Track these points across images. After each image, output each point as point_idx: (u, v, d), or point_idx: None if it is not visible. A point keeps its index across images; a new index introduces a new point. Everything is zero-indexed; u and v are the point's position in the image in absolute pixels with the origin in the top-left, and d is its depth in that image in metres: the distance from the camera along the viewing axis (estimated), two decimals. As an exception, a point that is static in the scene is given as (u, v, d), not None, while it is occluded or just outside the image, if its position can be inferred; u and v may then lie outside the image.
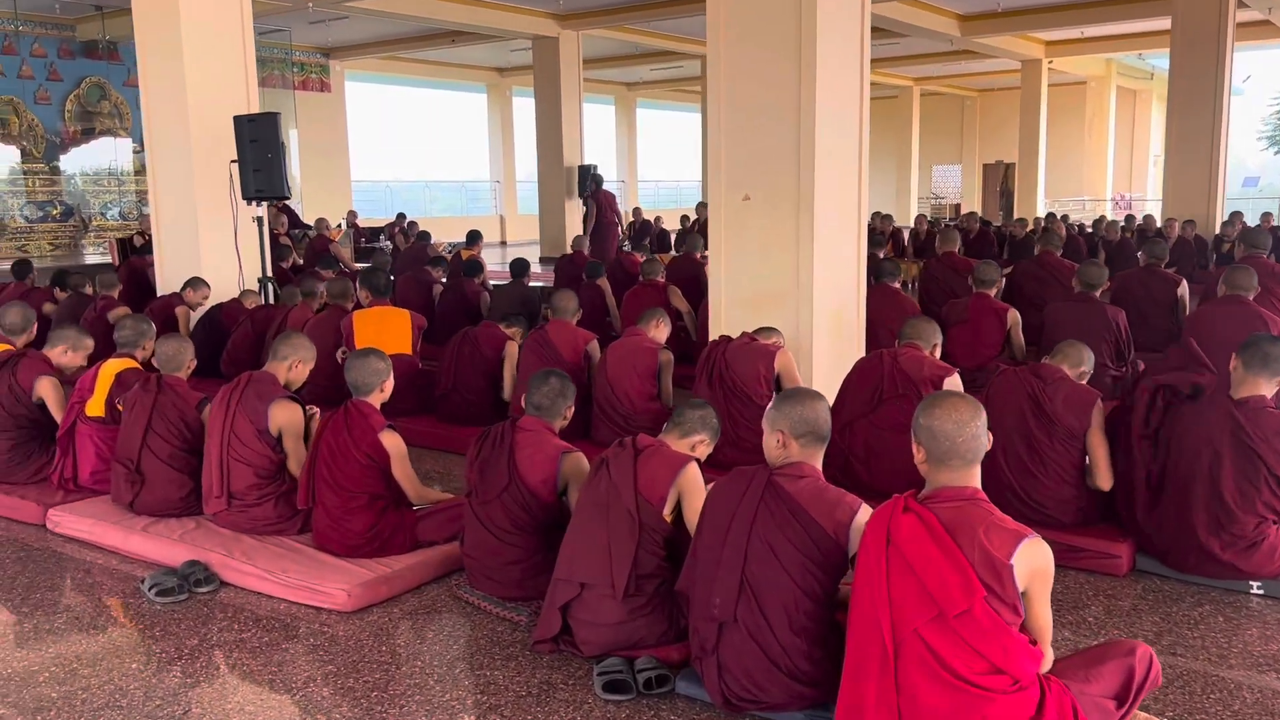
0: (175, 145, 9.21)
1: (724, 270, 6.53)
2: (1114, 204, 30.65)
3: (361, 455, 4.04)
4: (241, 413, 4.37)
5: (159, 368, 4.83)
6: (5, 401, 5.18)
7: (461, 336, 6.29)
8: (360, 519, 4.05)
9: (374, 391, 4.20)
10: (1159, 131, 35.80)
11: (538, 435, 3.73)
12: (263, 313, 7.73)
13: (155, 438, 4.65)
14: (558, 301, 6.06)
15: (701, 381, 5.20)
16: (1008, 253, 14.27)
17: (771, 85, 6.18)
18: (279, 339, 4.64)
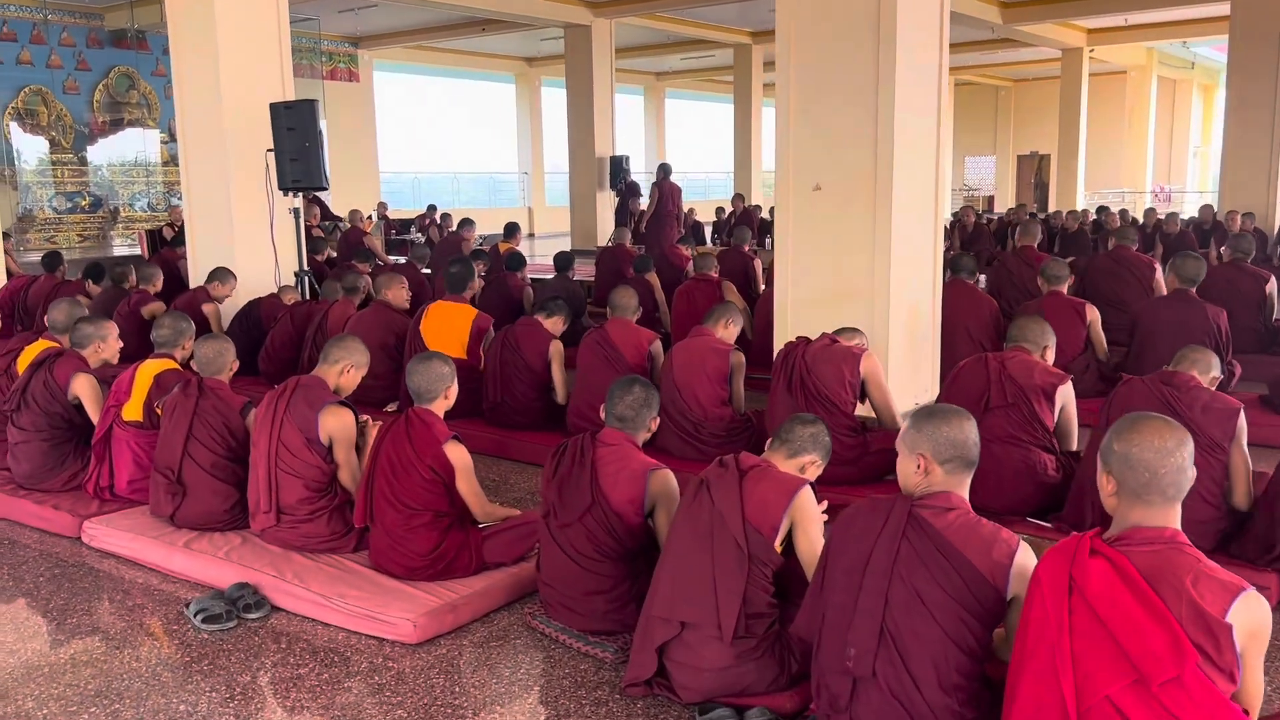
0: (208, 134, 8.91)
1: (790, 265, 6.15)
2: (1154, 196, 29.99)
3: (424, 469, 3.70)
4: (290, 420, 4.03)
5: (198, 370, 4.50)
6: (40, 399, 4.88)
7: (502, 341, 5.91)
8: (423, 538, 3.71)
9: (438, 399, 3.86)
10: (1199, 122, 35.16)
11: (621, 450, 3.37)
12: (302, 309, 7.40)
13: (197, 445, 4.33)
14: (617, 299, 5.69)
15: (779, 386, 4.82)
16: (1059, 247, 13.80)
17: (846, 67, 5.80)
18: (331, 342, 4.30)
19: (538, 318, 5.93)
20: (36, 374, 4.91)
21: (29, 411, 4.88)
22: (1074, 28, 23.63)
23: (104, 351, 5.07)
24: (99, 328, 5.07)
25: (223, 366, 4.53)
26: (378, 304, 6.70)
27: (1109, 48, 25.32)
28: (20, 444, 4.90)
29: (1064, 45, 24.09)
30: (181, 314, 5.04)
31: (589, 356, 5.55)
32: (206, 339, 4.54)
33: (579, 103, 19.99)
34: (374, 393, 6.46)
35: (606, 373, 5.45)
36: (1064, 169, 26.03)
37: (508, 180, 29.72)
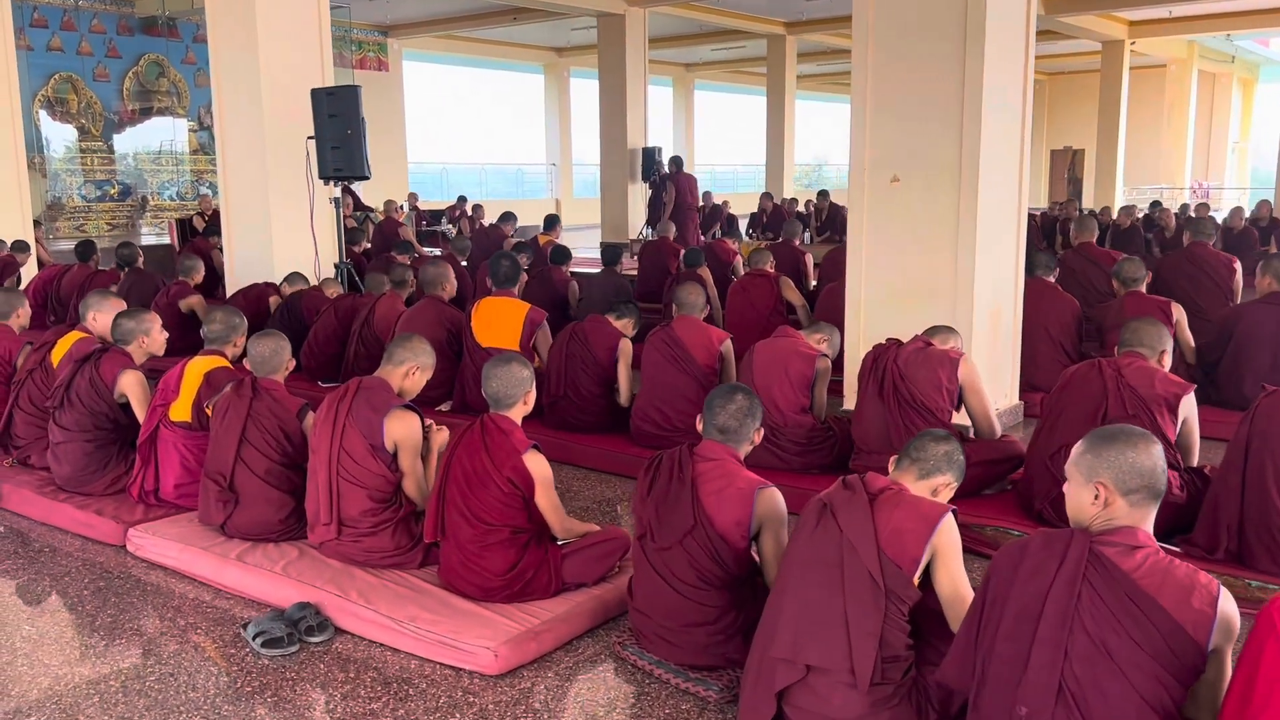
0: (246, 121, 8.66)
1: (865, 261, 5.84)
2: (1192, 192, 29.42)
3: (503, 481, 3.41)
4: (352, 426, 3.75)
5: (252, 369, 4.23)
6: (85, 397, 4.62)
7: (569, 335, 5.63)
8: (499, 556, 3.41)
9: (516, 404, 3.56)
10: (1238, 117, 34.49)
11: (724, 466, 3.06)
12: (346, 303, 7.13)
13: (250, 450, 4.05)
14: (684, 295, 5.39)
15: (868, 392, 4.50)
16: (1109, 243, 13.38)
17: (931, 54, 5.49)
18: (395, 342, 4.01)
19: (608, 318, 5.64)
20: (81, 370, 4.66)
21: (72, 410, 4.62)
22: (1115, 19, 23.14)
23: (149, 345, 4.81)
24: (140, 321, 4.80)
25: (278, 365, 4.25)
26: (430, 299, 6.42)
27: (1150, 40, 24.80)
28: (62, 444, 4.64)
29: (1105, 37, 23.60)
30: (234, 309, 4.77)
31: (655, 357, 5.25)
32: (261, 336, 4.26)
33: (611, 93, 19.67)
34: (427, 391, 6.16)
35: (674, 374, 5.16)
36: (1102, 164, 25.53)
37: (535, 172, 29.45)
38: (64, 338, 5.12)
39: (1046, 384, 6.37)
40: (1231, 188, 33.27)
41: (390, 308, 6.77)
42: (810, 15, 22.51)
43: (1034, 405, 5.97)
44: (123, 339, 4.75)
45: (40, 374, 5.11)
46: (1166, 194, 28.09)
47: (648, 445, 5.20)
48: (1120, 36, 23.88)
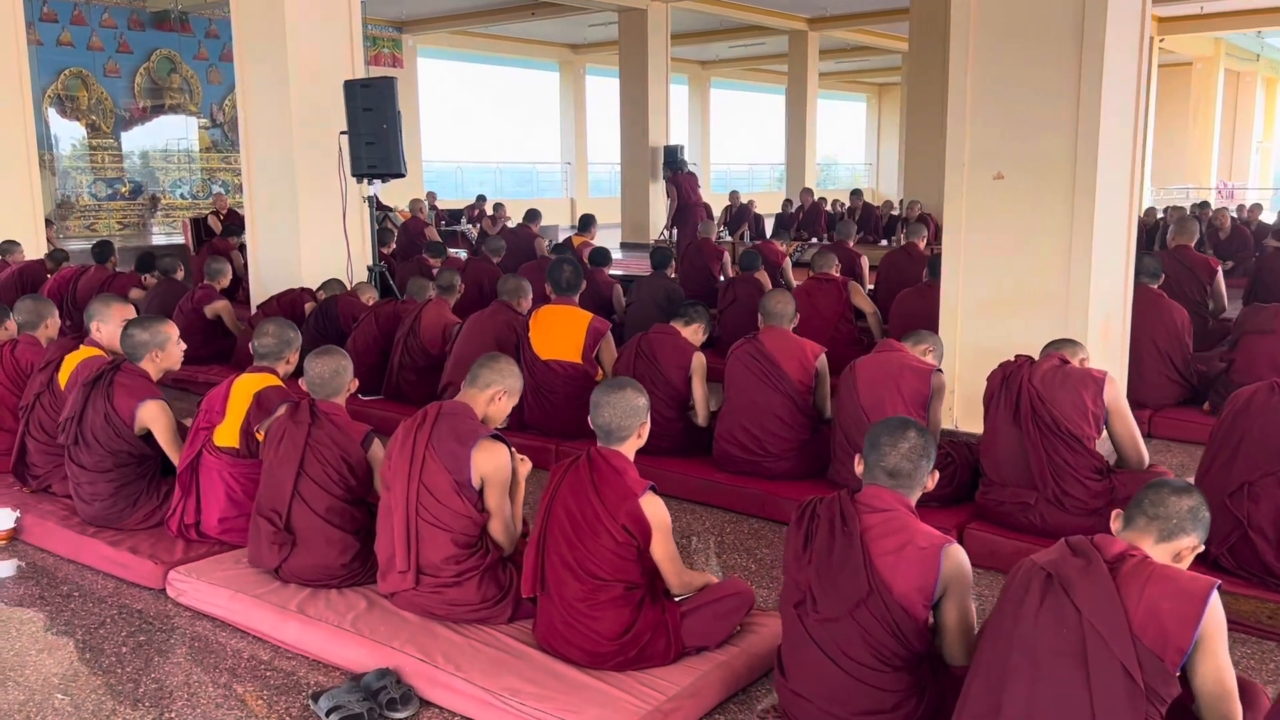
0: (273, 116, 8.18)
1: (963, 265, 5.35)
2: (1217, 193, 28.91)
3: (616, 529, 2.91)
4: (434, 459, 3.26)
5: (310, 391, 3.73)
6: (100, 435, 4.09)
7: (635, 350, 5.11)
8: (611, 617, 2.92)
9: (630, 437, 3.07)
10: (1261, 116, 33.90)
11: (897, 519, 2.56)
12: (388, 309, 6.64)
13: (310, 484, 3.56)
14: (771, 304, 4.88)
15: (1000, 416, 3.99)
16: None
17: (1042, 42, 5.00)
18: (480, 362, 3.51)
19: (675, 325, 5.14)
20: (92, 402, 4.10)
21: (89, 451, 4.11)
22: (1146, 16, 22.59)
23: (165, 360, 4.28)
24: (154, 333, 4.23)
25: (339, 387, 3.76)
26: (499, 305, 5.92)
27: (1177, 38, 24.29)
28: (83, 484, 4.14)
29: (1134, 34, 23.02)
30: (286, 321, 4.26)
31: (741, 372, 4.75)
32: (321, 354, 3.76)
33: (632, 90, 19.24)
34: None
35: (764, 392, 4.65)
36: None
37: (548, 170, 28.99)
38: (70, 355, 4.59)
39: (1154, 401, 5.90)
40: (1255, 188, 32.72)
41: (437, 315, 6.28)
42: (834, 11, 22.02)
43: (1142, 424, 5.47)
44: (133, 354, 4.20)
45: (48, 398, 4.57)
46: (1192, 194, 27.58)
47: (735, 470, 4.71)
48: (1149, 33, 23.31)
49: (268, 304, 7.34)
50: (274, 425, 3.71)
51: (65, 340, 4.76)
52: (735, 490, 4.59)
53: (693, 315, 5.16)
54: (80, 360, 4.48)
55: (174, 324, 4.34)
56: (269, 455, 3.66)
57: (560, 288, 5.67)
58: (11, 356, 4.98)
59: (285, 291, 7.44)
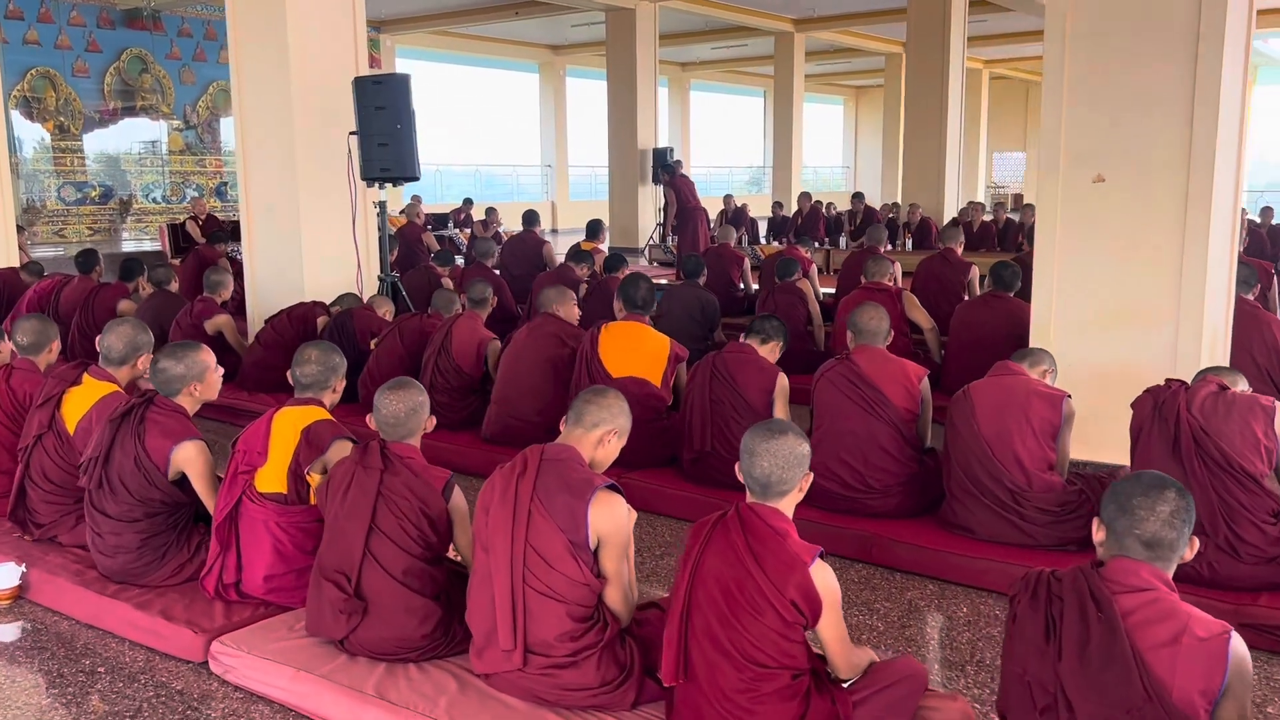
0: (272, 116, 7.60)
1: (1057, 275, 4.92)
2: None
3: (784, 605, 2.42)
4: (543, 515, 2.75)
5: (380, 431, 3.21)
6: (130, 481, 3.53)
7: (710, 373, 4.61)
8: (776, 711, 2.42)
9: (792, 491, 2.58)
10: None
11: (1166, 603, 2.08)
12: (413, 324, 6.10)
13: (384, 542, 3.04)
14: (863, 320, 4.40)
15: (1155, 450, 3.53)
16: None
17: (1150, 38, 4.58)
18: (585, 398, 2.99)
19: (750, 343, 4.66)
20: (120, 442, 3.56)
21: (115, 499, 3.56)
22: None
23: (203, 392, 3.73)
24: (189, 364, 3.66)
25: (416, 426, 3.24)
26: (546, 317, 5.40)
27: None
28: (108, 534, 3.59)
29: (1122, 36, 22.90)
30: (332, 345, 3.72)
31: (834, 398, 4.27)
32: (394, 389, 3.22)
33: (620, 91, 18.79)
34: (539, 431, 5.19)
35: (864, 419, 4.17)
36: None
37: (528, 174, 28.47)
38: (75, 388, 4.02)
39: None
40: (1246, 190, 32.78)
41: (470, 331, 5.75)
42: (822, 11, 21.69)
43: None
44: (167, 389, 3.65)
45: (52, 439, 3.99)
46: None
47: (832, 508, 4.22)
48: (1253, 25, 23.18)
49: (277, 319, 6.77)
50: (337, 471, 3.18)
51: (64, 369, 4.16)
52: (835, 531, 4.10)
53: (769, 332, 4.67)
54: (101, 398, 3.92)
55: (209, 349, 3.78)
56: (333, 507, 3.13)
57: (634, 304, 5.16)
58: (7, 386, 4.39)
59: (296, 306, 6.87)
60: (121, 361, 4.13)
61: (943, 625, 3.50)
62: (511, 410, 5.29)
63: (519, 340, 5.34)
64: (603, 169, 28.64)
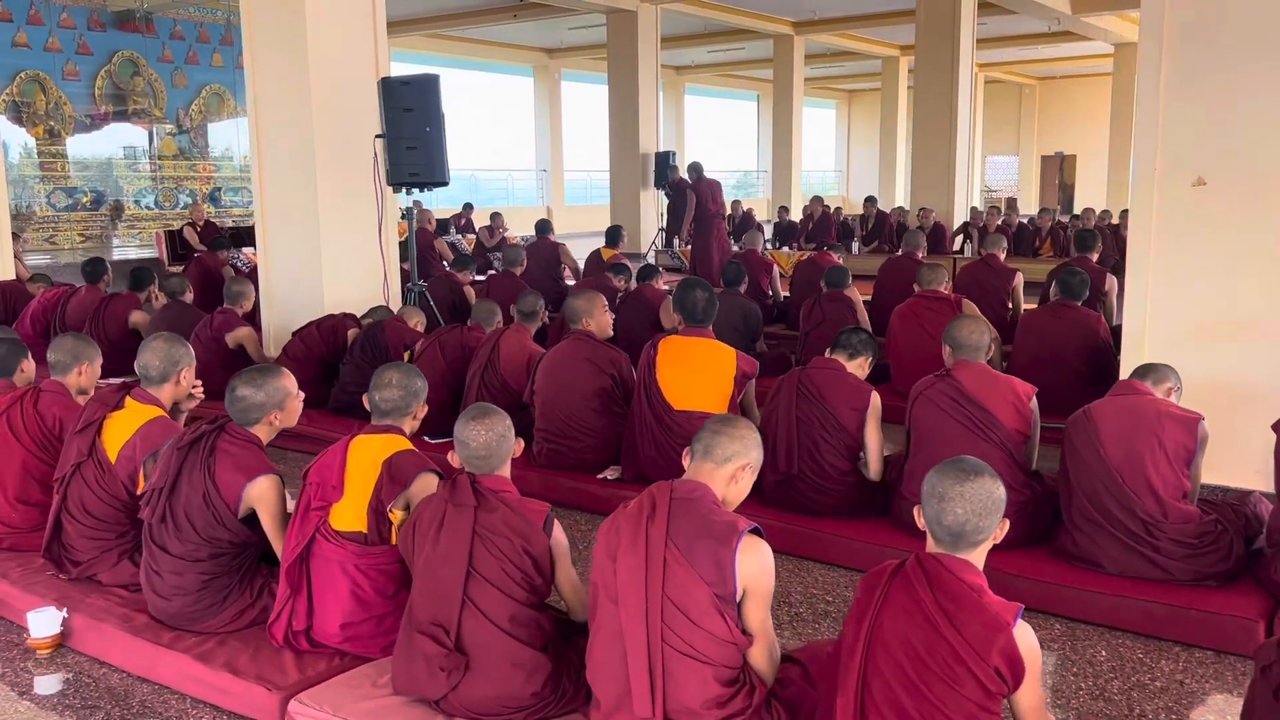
0: (290, 118, 7.29)
1: (1152, 285, 4.63)
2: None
3: (987, 673, 2.11)
4: (682, 564, 2.43)
5: (466, 465, 2.89)
6: (197, 518, 3.20)
7: (795, 389, 4.29)
8: (973, 791, 2.13)
9: (986, 541, 2.28)
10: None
11: None
12: (453, 337, 5.76)
13: (484, 588, 2.71)
14: (964, 335, 4.10)
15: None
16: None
17: (1256, 17, 4.29)
18: (713, 429, 2.65)
19: (836, 358, 4.35)
20: (188, 473, 3.22)
21: (180, 538, 3.22)
22: (1132, 20, 22.43)
23: (283, 421, 3.40)
24: (271, 390, 3.31)
25: (506, 455, 2.93)
26: (579, 335, 5.08)
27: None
28: (167, 573, 3.25)
29: (1120, 40, 22.93)
30: (412, 367, 3.40)
31: (936, 418, 3.96)
32: (479, 417, 2.90)
33: (621, 94, 18.53)
34: (583, 454, 4.89)
35: (971, 442, 3.86)
36: (1115, 171, 24.84)
37: (524, 178, 28.16)
38: (116, 413, 3.68)
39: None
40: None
41: (519, 345, 5.43)
42: (823, 13, 21.49)
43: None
44: (245, 417, 3.32)
45: (92, 469, 3.63)
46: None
47: (934, 537, 3.92)
48: (1134, 39, 23.20)
49: (306, 332, 6.43)
50: (424, 511, 2.85)
51: (105, 392, 3.82)
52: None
53: (857, 346, 4.37)
54: (146, 423, 3.59)
55: (289, 374, 3.44)
56: (424, 550, 2.80)
57: (694, 316, 4.76)
58: (34, 411, 4.03)
59: (325, 318, 6.53)
60: (161, 379, 3.79)
61: (1086, 672, 3.20)
62: (558, 443, 4.94)
63: (554, 363, 4.99)
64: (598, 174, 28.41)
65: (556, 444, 4.91)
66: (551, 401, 4.97)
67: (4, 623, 3.63)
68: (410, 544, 2.87)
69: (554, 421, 4.96)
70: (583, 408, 4.89)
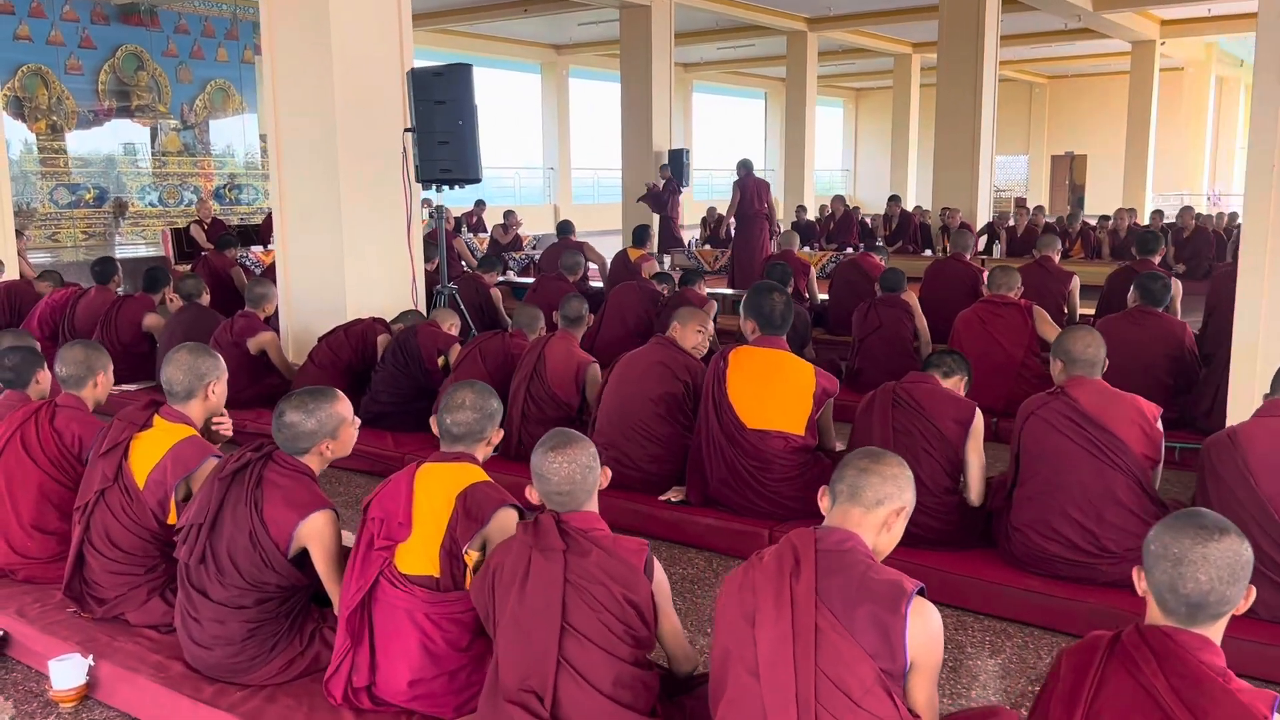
0: (312, 111, 6.87)
1: (1268, 291, 4.24)
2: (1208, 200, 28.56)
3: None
4: (840, 632, 2.04)
5: (548, 502, 2.51)
6: (242, 559, 2.81)
7: (890, 400, 3.92)
8: None
9: (1228, 612, 1.89)
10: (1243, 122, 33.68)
11: None
12: (495, 344, 5.38)
13: (582, 645, 2.33)
14: (1079, 348, 3.71)
15: None
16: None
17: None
18: (858, 466, 2.24)
19: (933, 376, 3.96)
20: (231, 508, 2.84)
21: (222, 578, 2.83)
22: (1150, 18, 22.13)
23: (336, 450, 2.99)
24: (324, 417, 2.90)
25: (592, 487, 2.54)
26: (661, 340, 4.69)
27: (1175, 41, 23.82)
28: (208, 621, 2.86)
29: (1138, 37, 22.62)
30: (488, 387, 3.00)
31: (1054, 440, 3.57)
32: (556, 446, 2.47)
33: (634, 91, 18.13)
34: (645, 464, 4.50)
35: (1095, 468, 3.48)
36: (1132, 171, 24.53)
37: (530, 175, 27.80)
38: (144, 432, 3.30)
39: None
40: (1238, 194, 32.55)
41: (567, 353, 5.04)
42: (838, 10, 21.12)
43: None
44: (294, 445, 2.91)
45: (117, 495, 3.25)
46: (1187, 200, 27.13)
47: (1054, 574, 3.53)
48: (1152, 36, 22.91)
49: (333, 337, 6.04)
50: (505, 558, 2.46)
51: (131, 409, 3.43)
52: (1063, 604, 3.40)
53: (952, 366, 3.99)
54: (174, 444, 3.20)
55: (344, 398, 3.03)
56: (507, 605, 2.42)
57: (773, 323, 4.33)
58: (51, 429, 3.64)
59: (354, 322, 6.13)
60: (188, 395, 3.39)
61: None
62: (620, 450, 4.54)
63: (627, 365, 4.60)
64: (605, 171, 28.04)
65: (617, 453, 4.50)
66: (617, 407, 4.59)
67: (21, 668, 3.25)
68: (488, 597, 2.48)
69: (617, 426, 4.57)
70: (649, 413, 4.49)
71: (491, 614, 2.48)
